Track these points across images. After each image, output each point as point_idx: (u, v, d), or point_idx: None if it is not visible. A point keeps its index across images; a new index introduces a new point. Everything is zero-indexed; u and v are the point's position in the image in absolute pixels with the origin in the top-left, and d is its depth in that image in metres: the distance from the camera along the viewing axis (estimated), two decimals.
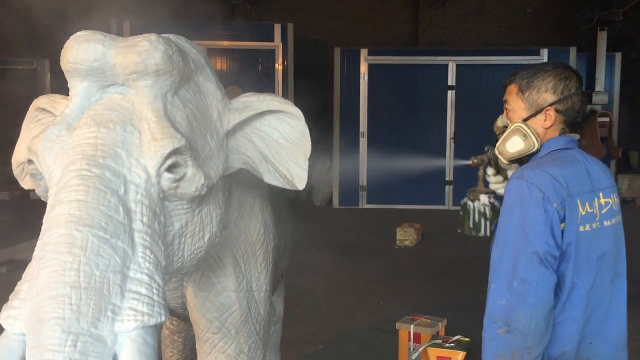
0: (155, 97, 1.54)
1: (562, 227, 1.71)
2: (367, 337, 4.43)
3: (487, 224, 2.06)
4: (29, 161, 1.56)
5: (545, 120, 1.81)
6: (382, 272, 6.12)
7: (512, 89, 1.88)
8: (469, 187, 2.05)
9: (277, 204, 2.36)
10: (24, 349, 1.29)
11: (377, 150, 9.34)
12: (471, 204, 2.09)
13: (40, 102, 1.82)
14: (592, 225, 1.75)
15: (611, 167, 9.94)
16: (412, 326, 3.45)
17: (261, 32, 9.59)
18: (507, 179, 2.02)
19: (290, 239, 2.66)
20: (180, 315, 2.24)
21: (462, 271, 5.79)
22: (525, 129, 1.80)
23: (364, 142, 9.48)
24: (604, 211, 1.80)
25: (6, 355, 1.31)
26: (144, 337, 1.33)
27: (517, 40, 11.43)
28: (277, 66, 9.49)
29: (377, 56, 9.57)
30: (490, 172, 2.07)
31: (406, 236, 7.15)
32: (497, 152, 1.89)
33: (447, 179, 9.47)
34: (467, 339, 4.20)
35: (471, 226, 2.10)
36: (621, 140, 10.22)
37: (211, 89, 1.73)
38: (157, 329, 1.41)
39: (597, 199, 1.78)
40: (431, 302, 5.01)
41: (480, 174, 2.10)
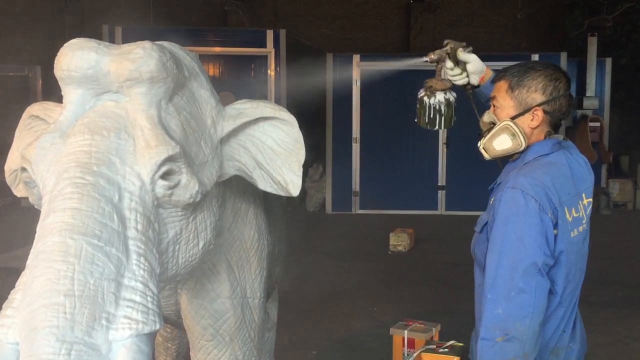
0: (149, 104, 1.54)
1: (555, 233, 1.74)
2: (360, 342, 4.43)
3: (442, 119, 2.10)
4: (23, 169, 1.55)
5: (532, 120, 1.82)
6: (375, 277, 6.12)
7: (502, 85, 1.88)
8: (462, 192, 2.03)
9: (271, 210, 2.37)
10: (17, 358, 1.29)
11: (369, 155, 9.35)
12: (427, 100, 2.11)
13: (33, 109, 1.81)
14: (579, 228, 1.81)
15: (602, 171, 10.01)
16: (406, 331, 3.45)
17: (254, 38, 9.60)
18: (465, 70, 2.12)
19: (284, 246, 2.66)
20: (174, 322, 2.23)
21: (456, 276, 5.80)
22: (514, 128, 1.81)
23: (356, 148, 9.49)
24: (588, 211, 1.86)
25: None
26: (138, 345, 1.32)
27: (508, 45, 11.50)
28: (269, 72, 9.49)
29: (369, 62, 9.59)
30: (449, 65, 2.11)
31: (399, 241, 7.16)
32: (481, 149, 1.91)
33: (439, 184, 9.49)
34: (461, 344, 4.19)
35: (427, 121, 2.13)
36: (612, 145, 10.28)
37: (205, 96, 1.73)
38: (152, 337, 1.41)
39: (581, 202, 1.82)
40: (425, 308, 5.01)
41: (437, 67, 2.13)
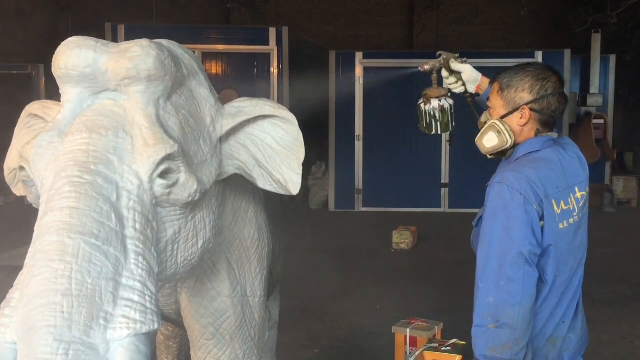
0: (147, 102, 1.53)
1: (542, 224, 1.82)
2: (363, 341, 4.43)
3: (438, 124, 2.25)
4: (21, 168, 1.55)
5: (521, 118, 1.91)
6: (378, 275, 6.11)
7: (495, 87, 1.98)
8: (465, 190, 2.10)
9: (271, 208, 2.36)
10: (15, 358, 1.28)
11: (372, 153, 9.34)
12: (423, 107, 2.26)
13: (32, 108, 1.81)
14: (570, 220, 1.88)
15: (606, 169, 9.98)
16: (408, 330, 3.44)
17: (256, 35, 9.59)
18: (460, 80, 2.24)
19: (285, 244, 2.65)
20: (174, 321, 2.23)
21: (458, 274, 5.78)
22: (499, 126, 1.92)
23: (359, 146, 9.47)
24: (581, 204, 1.93)
25: None
26: (136, 345, 1.32)
27: (511, 42, 11.48)
28: (272, 70, 9.48)
29: (372, 59, 9.57)
30: (445, 74, 2.25)
31: (402, 239, 7.14)
32: (477, 145, 2.01)
33: (442, 182, 9.46)
34: (463, 342, 4.17)
35: (424, 126, 2.28)
36: (616, 142, 10.25)
37: (204, 94, 1.72)
38: (150, 337, 1.40)
39: (572, 195, 1.90)
40: (427, 306, 5.00)
41: (433, 77, 2.26)
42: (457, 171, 9.31)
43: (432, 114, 2.23)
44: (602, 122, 9.74)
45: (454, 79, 2.24)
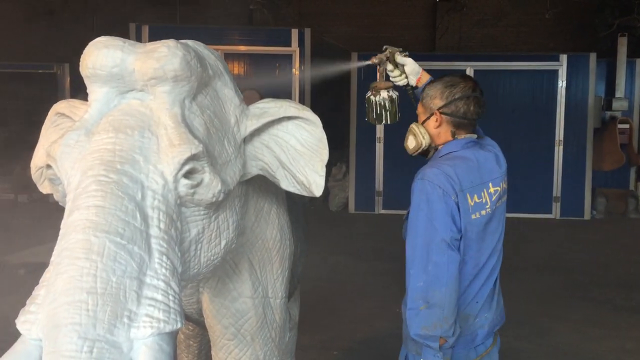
0: (173, 102, 1.54)
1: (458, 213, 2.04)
2: (383, 343, 4.40)
3: (387, 114, 2.41)
4: (48, 166, 1.56)
5: (435, 121, 2.17)
6: (398, 278, 6.06)
7: (421, 96, 2.26)
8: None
9: (293, 210, 2.36)
10: (40, 354, 1.29)
11: (393, 155, 9.29)
12: (373, 98, 2.40)
13: (59, 107, 1.82)
14: (482, 212, 2.09)
15: (631, 174, 9.82)
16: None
17: (279, 37, 9.61)
18: (404, 72, 2.44)
19: (306, 245, 2.65)
20: (196, 321, 2.23)
21: None
22: (415, 130, 2.23)
23: (380, 148, 9.44)
24: (494, 198, 2.14)
25: None
26: (159, 344, 1.32)
27: (535, 45, 11.33)
28: (294, 71, 9.50)
29: None
30: (389, 67, 2.44)
31: None
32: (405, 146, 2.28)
33: None
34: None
35: (374, 117, 2.41)
36: None
37: (229, 95, 1.73)
38: (173, 336, 1.40)
39: (485, 190, 2.12)
40: None
41: (379, 69, 2.44)
42: None
43: (382, 104, 2.37)
44: (627, 126, 9.58)
45: (398, 72, 2.44)
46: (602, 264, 6.68)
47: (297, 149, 1.82)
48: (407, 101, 2.54)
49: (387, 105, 2.38)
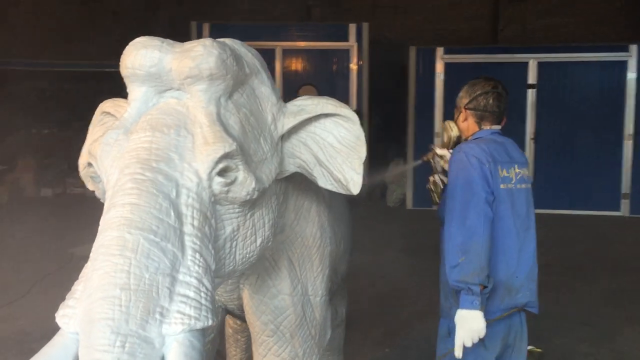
0: (208, 101, 1.55)
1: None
2: (435, 342, 4.33)
3: (435, 196, 2.89)
4: (89, 164, 1.61)
5: (463, 116, 2.57)
6: None
7: None
8: (550, 189, 2.20)
9: (337, 207, 2.34)
10: (77, 348, 1.33)
11: None
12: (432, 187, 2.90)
13: (105, 105, 1.87)
14: (508, 185, 2.39)
15: None
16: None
17: (336, 32, 9.61)
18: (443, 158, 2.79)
19: (350, 243, 2.63)
20: (238, 316, 2.26)
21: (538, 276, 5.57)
22: (446, 125, 2.70)
23: (438, 143, 9.29)
24: (518, 177, 2.44)
25: (61, 352, 1.35)
26: (190, 340, 1.34)
27: (605, 36, 10.83)
28: (351, 66, 9.47)
29: (454, 55, 9.35)
30: (437, 159, 2.85)
31: None
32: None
33: None
34: (539, 350, 4.00)
35: (437, 200, 2.86)
36: None
37: (266, 92, 1.73)
38: (205, 333, 1.42)
39: (513, 168, 2.43)
40: None
41: (433, 164, 2.89)
42: (542, 170, 8.95)
43: (435, 185, 2.88)
44: None
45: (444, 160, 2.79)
46: None
47: (334, 146, 1.81)
48: None
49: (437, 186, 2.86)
